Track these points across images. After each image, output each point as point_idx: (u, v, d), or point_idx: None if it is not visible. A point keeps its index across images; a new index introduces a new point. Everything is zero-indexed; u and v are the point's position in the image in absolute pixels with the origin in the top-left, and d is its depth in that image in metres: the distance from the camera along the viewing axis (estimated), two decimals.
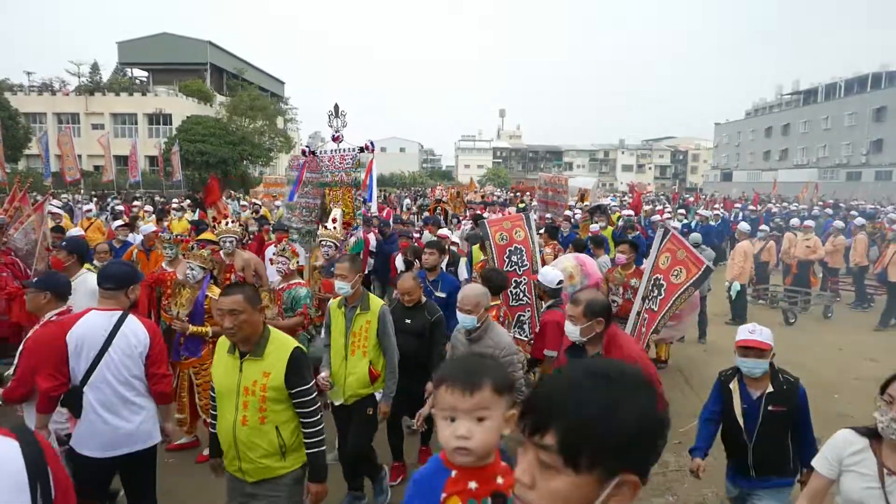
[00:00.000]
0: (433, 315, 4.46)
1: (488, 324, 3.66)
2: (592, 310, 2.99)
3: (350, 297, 4.05)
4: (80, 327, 3.08)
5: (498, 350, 3.53)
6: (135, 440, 3.16)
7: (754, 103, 67.58)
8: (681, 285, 5.24)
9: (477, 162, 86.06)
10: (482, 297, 3.61)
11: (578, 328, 3.00)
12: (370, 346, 4.00)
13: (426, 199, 25.61)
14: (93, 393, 3.07)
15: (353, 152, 7.03)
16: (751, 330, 3.16)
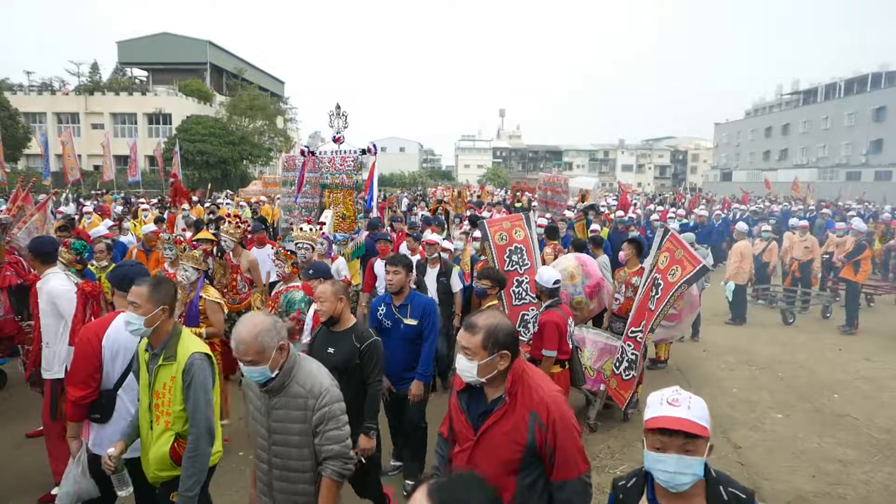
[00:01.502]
0: (363, 342, 3.44)
1: (293, 364, 2.56)
2: (496, 340, 2.15)
3: (153, 338, 2.83)
4: (114, 331, 3.07)
5: (312, 398, 2.51)
6: None
7: (754, 103, 67.55)
8: (675, 283, 5.31)
9: (477, 162, 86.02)
10: (267, 336, 2.43)
11: (475, 365, 2.15)
12: (174, 412, 2.77)
13: (426, 200, 25.61)
14: (127, 395, 3.09)
15: (355, 154, 7.03)
16: (672, 399, 1.85)
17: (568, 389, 4.91)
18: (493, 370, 2.18)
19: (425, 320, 4.25)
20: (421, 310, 4.32)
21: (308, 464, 2.55)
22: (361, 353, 3.44)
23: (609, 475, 4.80)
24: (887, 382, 7.17)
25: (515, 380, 2.21)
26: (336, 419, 2.53)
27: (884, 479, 4.80)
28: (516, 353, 2.25)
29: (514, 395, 2.20)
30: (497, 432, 2.17)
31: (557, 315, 4.70)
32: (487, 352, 2.16)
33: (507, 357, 2.19)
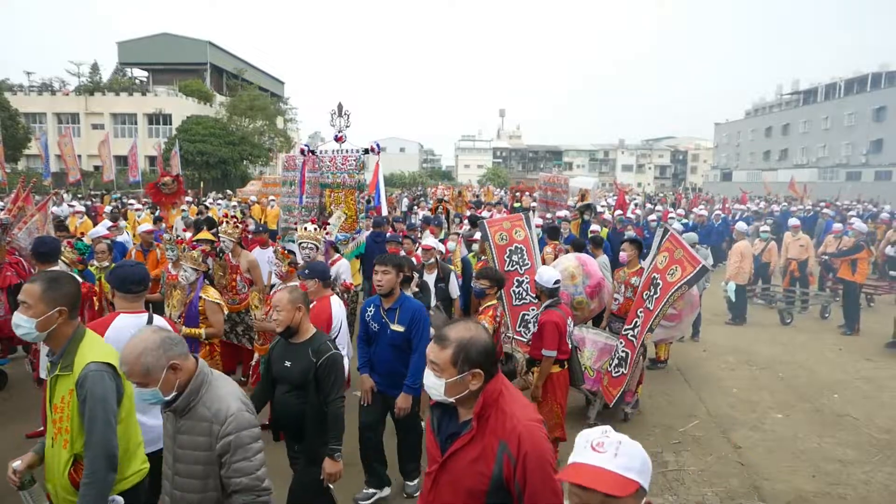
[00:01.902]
0: (320, 357, 3.12)
1: (201, 383, 2.29)
2: (467, 356, 1.93)
3: (51, 344, 2.51)
4: (114, 331, 3.06)
5: (216, 423, 2.24)
6: (160, 438, 3.19)
7: (754, 103, 67.54)
8: (675, 283, 5.31)
9: (477, 162, 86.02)
10: (151, 356, 2.16)
11: (443, 383, 1.94)
12: (73, 430, 2.42)
13: (426, 199, 25.59)
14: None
15: (357, 154, 7.01)
16: (597, 442, 1.46)
17: (568, 389, 4.91)
18: (464, 390, 1.95)
19: (414, 327, 3.99)
20: (409, 316, 4.02)
21: (212, 496, 2.31)
22: (318, 368, 3.11)
23: None
24: (887, 382, 7.17)
25: (488, 403, 1.96)
26: (244, 448, 2.24)
27: (884, 479, 4.81)
28: (492, 372, 2.00)
29: (485, 421, 1.96)
30: (463, 459, 1.97)
31: (557, 315, 4.70)
32: (457, 369, 1.93)
33: (480, 377, 1.95)
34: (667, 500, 4.45)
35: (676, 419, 5.96)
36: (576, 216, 10.54)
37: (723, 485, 4.69)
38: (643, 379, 6.02)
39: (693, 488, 4.63)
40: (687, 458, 5.15)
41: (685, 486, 4.65)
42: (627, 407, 5.84)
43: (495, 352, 2.01)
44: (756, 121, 62.84)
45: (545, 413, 4.73)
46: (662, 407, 6.28)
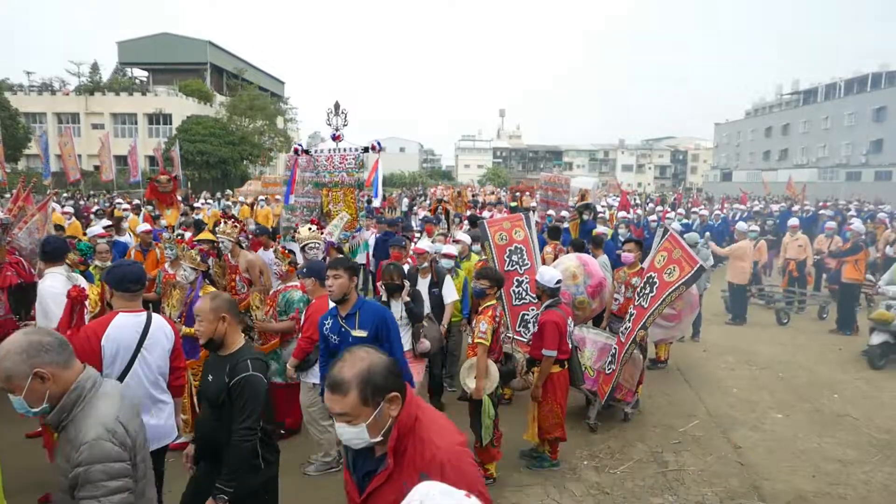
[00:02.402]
0: (234, 376, 2.73)
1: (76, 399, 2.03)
2: (375, 387, 1.69)
3: None
4: (114, 330, 3.08)
5: (74, 450, 1.97)
6: (162, 436, 3.23)
7: (754, 103, 67.55)
8: (672, 283, 5.32)
9: (477, 162, 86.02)
10: (10, 361, 1.93)
11: (363, 429, 1.69)
12: None
13: (426, 197, 25.59)
14: (127, 392, 3.09)
15: (356, 152, 6.98)
16: None
17: (568, 389, 4.91)
18: (387, 421, 1.73)
19: (381, 331, 3.66)
20: (372, 318, 3.68)
21: None
22: (230, 389, 2.71)
23: (609, 475, 4.81)
24: (887, 382, 7.17)
25: (404, 433, 1.74)
26: (93, 485, 1.91)
27: (884, 479, 4.81)
28: (405, 389, 1.78)
29: (401, 454, 1.73)
30: (382, 499, 1.75)
31: (557, 315, 4.70)
32: (371, 406, 1.68)
33: (397, 399, 1.73)
34: (667, 500, 4.45)
35: (676, 419, 5.96)
36: (574, 216, 10.54)
37: (723, 485, 4.69)
38: (643, 379, 6.02)
39: (693, 488, 4.63)
40: (687, 458, 5.15)
41: (685, 486, 4.65)
42: (627, 407, 5.85)
43: (397, 366, 1.78)
44: (756, 121, 62.85)
45: (545, 413, 4.74)
46: (662, 407, 6.28)
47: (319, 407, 4.53)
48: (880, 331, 7.75)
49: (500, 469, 4.71)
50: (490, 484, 4.59)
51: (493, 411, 4.41)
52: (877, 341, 7.70)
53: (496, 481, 4.62)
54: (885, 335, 7.70)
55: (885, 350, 7.72)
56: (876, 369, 7.55)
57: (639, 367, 5.83)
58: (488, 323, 4.39)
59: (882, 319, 7.72)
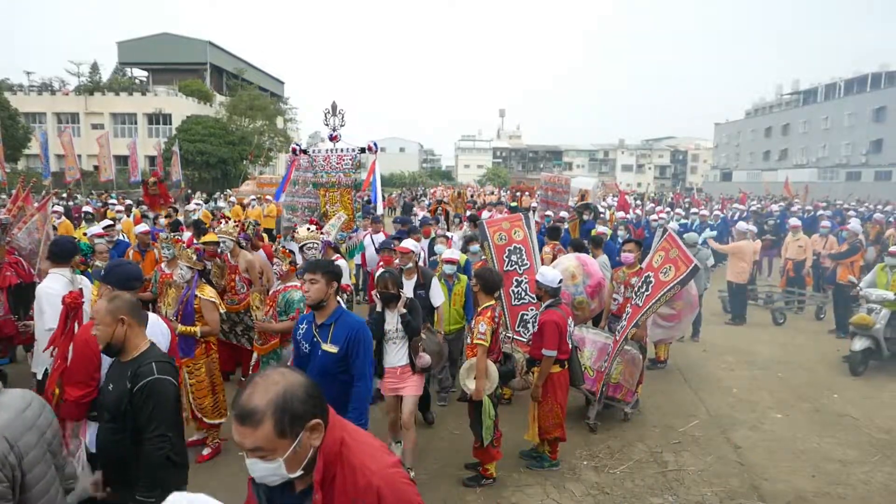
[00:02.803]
0: (137, 381, 2.53)
1: None
2: (293, 414, 1.46)
3: None
4: None
5: None
6: None
7: (754, 103, 67.57)
8: (668, 283, 5.34)
9: (477, 162, 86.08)
10: None
11: (280, 463, 1.47)
12: None
13: (426, 197, 25.58)
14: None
15: (353, 153, 6.98)
16: None
17: (568, 389, 4.91)
18: (307, 452, 1.52)
19: (352, 348, 3.28)
20: (346, 333, 3.29)
21: None
22: (132, 396, 2.50)
23: (609, 475, 4.81)
24: (887, 383, 7.17)
25: (330, 461, 1.55)
26: None
27: (884, 479, 4.80)
28: (327, 413, 1.57)
29: (330, 484, 1.54)
30: None
31: (557, 315, 4.70)
32: (289, 437, 1.46)
33: (319, 426, 1.52)
34: (666, 500, 4.45)
35: (676, 419, 5.96)
36: (573, 217, 10.53)
37: (722, 485, 4.69)
38: (643, 379, 6.01)
39: (693, 488, 4.62)
40: (687, 458, 5.15)
41: (685, 486, 4.65)
42: (627, 407, 5.84)
43: (317, 388, 1.56)
44: (756, 121, 62.87)
45: (545, 413, 4.74)
46: (662, 407, 6.28)
47: None
48: (861, 335, 7.42)
49: (500, 469, 4.70)
50: (490, 484, 4.59)
51: (494, 412, 4.41)
52: (858, 347, 7.37)
53: (496, 481, 4.62)
54: (866, 340, 7.37)
55: (867, 356, 7.41)
56: (857, 376, 7.30)
57: (639, 367, 5.83)
58: (487, 323, 4.38)
59: (863, 324, 7.38)
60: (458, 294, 6.07)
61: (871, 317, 7.37)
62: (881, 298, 7.45)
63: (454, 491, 4.53)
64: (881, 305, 7.41)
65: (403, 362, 4.47)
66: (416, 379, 4.55)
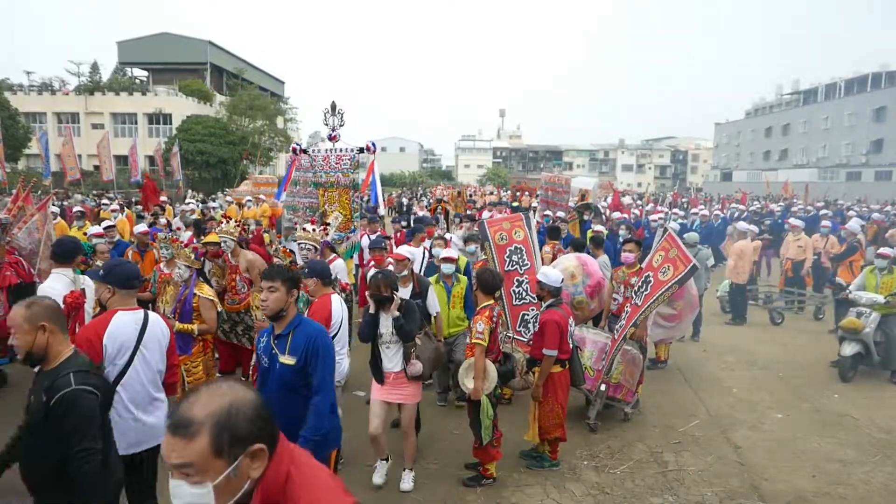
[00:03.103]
0: (54, 394, 2.37)
1: None
2: (235, 433, 1.27)
3: None
4: (114, 328, 3.08)
5: None
6: (158, 434, 3.20)
7: (754, 103, 67.56)
8: (666, 282, 5.34)
9: (477, 162, 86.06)
10: None
11: (208, 489, 1.25)
12: None
13: (426, 196, 25.57)
14: (126, 392, 3.09)
15: (352, 153, 6.97)
16: None
17: (568, 389, 4.91)
18: (243, 483, 1.29)
19: (311, 359, 3.04)
20: (304, 344, 3.05)
21: None
22: (49, 409, 2.34)
23: (609, 475, 4.81)
24: (887, 383, 7.17)
25: (271, 498, 1.31)
26: None
27: (884, 479, 4.80)
28: (275, 441, 1.35)
29: None
30: None
31: (558, 314, 4.70)
32: (225, 459, 1.25)
33: (263, 453, 1.30)
34: (667, 500, 4.45)
35: (676, 419, 5.96)
36: (573, 216, 10.52)
37: (723, 485, 4.69)
38: (643, 379, 6.01)
39: (693, 488, 4.62)
40: (687, 458, 5.15)
41: (685, 486, 4.65)
42: (627, 407, 5.84)
43: (268, 411, 1.34)
44: (756, 121, 62.86)
45: (546, 412, 4.74)
46: (662, 407, 6.28)
47: None
48: (850, 340, 7.18)
49: (500, 469, 4.70)
50: (490, 484, 4.59)
51: (492, 411, 4.41)
52: (848, 352, 7.12)
53: (496, 481, 4.62)
54: (856, 345, 7.14)
55: (856, 361, 7.20)
56: (846, 381, 7.09)
57: (638, 367, 5.83)
58: (485, 323, 4.38)
59: (852, 328, 7.13)
60: (458, 296, 5.86)
61: (861, 321, 7.14)
62: (871, 302, 7.19)
63: (454, 491, 4.53)
64: (871, 309, 7.17)
65: (398, 368, 4.30)
66: (412, 387, 4.38)
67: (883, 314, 7.16)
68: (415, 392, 4.43)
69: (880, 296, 7.20)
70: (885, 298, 7.16)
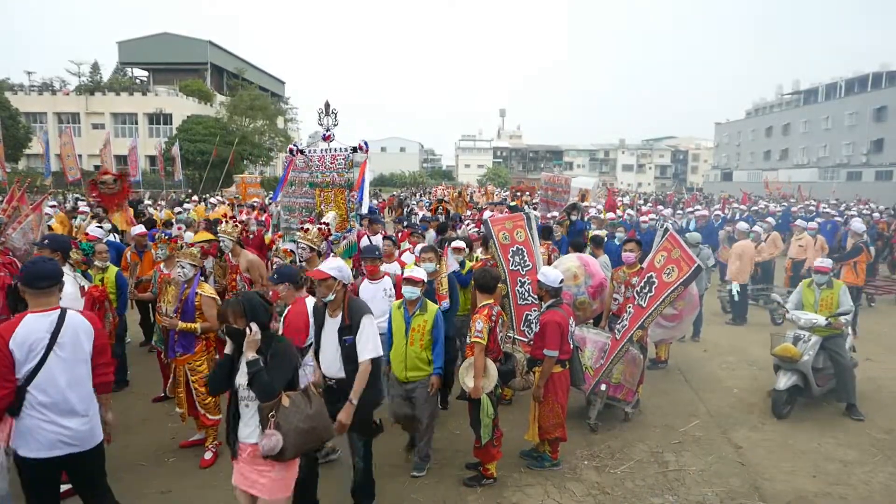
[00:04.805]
0: None
1: None
2: None
3: None
4: (21, 331, 2.98)
5: None
6: (80, 440, 3.12)
7: (754, 103, 67.54)
8: (671, 284, 5.32)
9: (477, 162, 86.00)
10: None
11: None
12: None
13: (427, 197, 25.53)
14: (39, 393, 2.99)
15: (346, 152, 6.94)
16: None
17: (569, 389, 4.90)
18: None
19: None
20: None
21: None
22: None
23: (610, 475, 4.79)
24: (887, 382, 7.14)
25: None
26: None
27: (885, 480, 4.79)
28: None
29: None
30: None
31: (559, 315, 4.69)
32: None
33: None
34: (667, 500, 4.44)
35: (676, 419, 5.94)
36: (563, 217, 10.49)
37: (723, 485, 4.68)
38: (643, 379, 6.00)
39: (693, 488, 4.61)
40: (687, 458, 5.13)
41: (685, 486, 4.63)
42: (627, 407, 5.83)
43: None
44: (756, 121, 62.83)
45: (546, 412, 4.73)
46: (662, 407, 6.26)
47: None
48: (787, 370, 6.03)
49: (500, 469, 4.69)
50: (491, 484, 4.58)
51: (493, 410, 4.39)
52: (784, 385, 5.95)
53: (497, 481, 4.61)
54: (792, 376, 5.98)
55: (793, 394, 6.07)
56: (781, 419, 5.95)
57: (639, 367, 5.82)
58: (484, 322, 4.36)
59: (787, 356, 5.94)
60: (420, 331, 4.47)
61: (798, 347, 6.01)
62: (811, 324, 6.09)
63: (454, 491, 4.52)
64: (810, 332, 6.10)
65: (253, 439, 3.03)
66: (274, 472, 3.02)
67: (824, 336, 6.12)
68: (276, 482, 3.03)
69: (821, 317, 6.13)
70: (826, 319, 6.12)
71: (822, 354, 6.14)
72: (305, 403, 3.08)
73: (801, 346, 6.02)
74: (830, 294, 6.41)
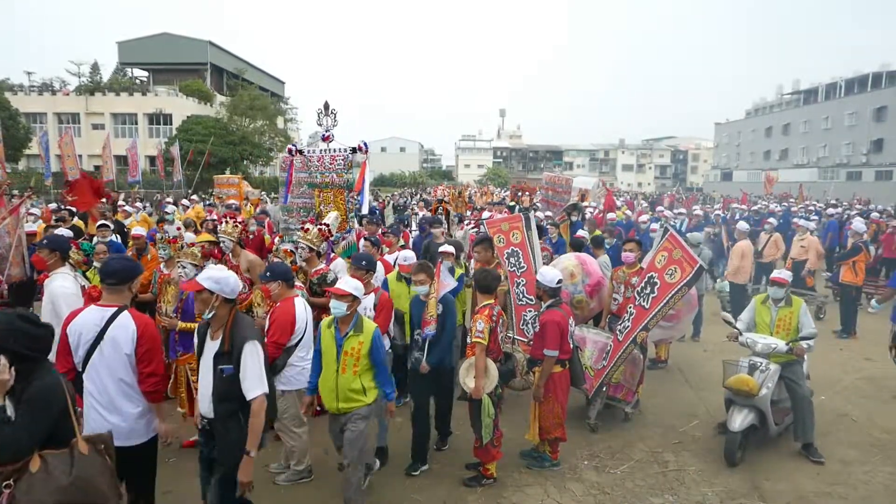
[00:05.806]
0: None
1: None
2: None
3: None
4: (79, 320, 3.22)
5: None
6: (125, 435, 3.20)
7: (754, 103, 67.55)
8: (675, 285, 5.30)
9: (477, 162, 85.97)
10: None
11: None
12: None
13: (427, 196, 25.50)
14: (88, 383, 3.22)
15: (345, 153, 6.94)
16: None
17: (569, 389, 4.91)
18: None
19: None
20: None
21: None
22: None
23: (610, 475, 4.80)
24: (887, 382, 7.16)
25: None
26: None
27: (884, 479, 4.80)
28: None
29: None
30: None
31: (559, 315, 4.70)
32: None
33: None
34: (667, 500, 4.45)
35: (676, 419, 5.95)
36: (563, 218, 10.46)
37: (723, 484, 4.69)
38: (643, 379, 6.01)
39: (693, 488, 4.62)
40: (687, 457, 5.14)
41: (685, 486, 4.64)
42: (627, 407, 5.84)
43: None
44: (756, 121, 62.83)
45: (546, 412, 4.74)
46: (662, 407, 6.27)
47: (291, 414, 4.43)
48: (742, 407, 5.01)
49: (500, 469, 4.70)
50: (491, 484, 4.59)
51: (493, 410, 4.41)
52: (739, 425, 4.93)
53: (497, 481, 4.61)
54: (749, 414, 4.98)
55: (748, 435, 5.06)
56: (733, 466, 4.94)
57: (639, 367, 5.83)
58: (485, 322, 4.38)
59: (743, 390, 4.92)
60: (354, 355, 3.78)
61: (755, 378, 4.99)
62: (769, 349, 5.12)
63: (454, 491, 4.53)
64: (768, 359, 5.14)
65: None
66: None
67: (783, 363, 5.22)
68: None
69: (781, 341, 5.17)
70: (787, 345, 5.14)
71: (779, 384, 5.21)
72: (63, 469, 2.30)
73: (759, 377, 5.01)
74: (789, 313, 5.35)
